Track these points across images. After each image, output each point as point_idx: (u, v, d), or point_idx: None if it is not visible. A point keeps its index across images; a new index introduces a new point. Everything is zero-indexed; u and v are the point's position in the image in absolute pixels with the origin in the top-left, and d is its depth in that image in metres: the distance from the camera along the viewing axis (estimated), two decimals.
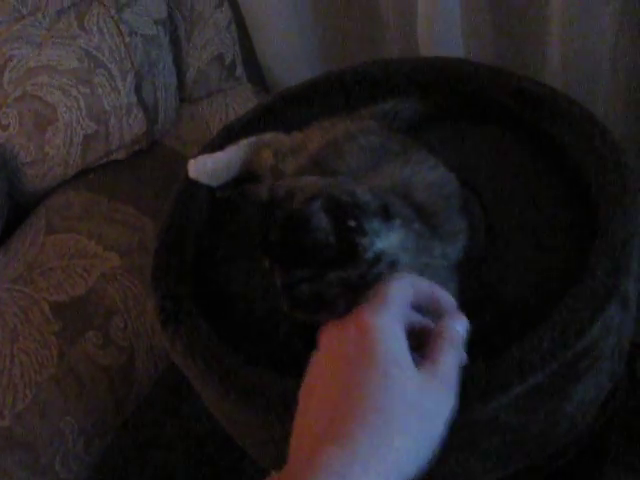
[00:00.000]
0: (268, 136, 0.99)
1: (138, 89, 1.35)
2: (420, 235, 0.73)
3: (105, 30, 1.33)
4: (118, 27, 1.34)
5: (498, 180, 0.95)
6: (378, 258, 0.67)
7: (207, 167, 0.98)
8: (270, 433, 0.76)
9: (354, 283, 0.66)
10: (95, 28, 1.33)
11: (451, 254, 0.79)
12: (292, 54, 1.60)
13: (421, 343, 0.63)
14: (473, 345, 0.72)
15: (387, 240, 0.68)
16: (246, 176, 1.00)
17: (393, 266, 0.68)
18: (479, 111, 1.02)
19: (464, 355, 0.65)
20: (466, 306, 0.76)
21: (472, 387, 0.70)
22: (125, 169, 1.39)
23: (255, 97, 1.52)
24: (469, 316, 0.76)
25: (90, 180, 1.37)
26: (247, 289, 0.90)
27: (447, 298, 0.67)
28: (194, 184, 1.00)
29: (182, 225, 0.96)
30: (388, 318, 0.60)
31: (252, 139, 0.99)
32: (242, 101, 1.50)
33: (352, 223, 0.66)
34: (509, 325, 0.78)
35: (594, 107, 1.09)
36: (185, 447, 1.29)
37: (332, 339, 0.62)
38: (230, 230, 0.99)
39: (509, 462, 0.81)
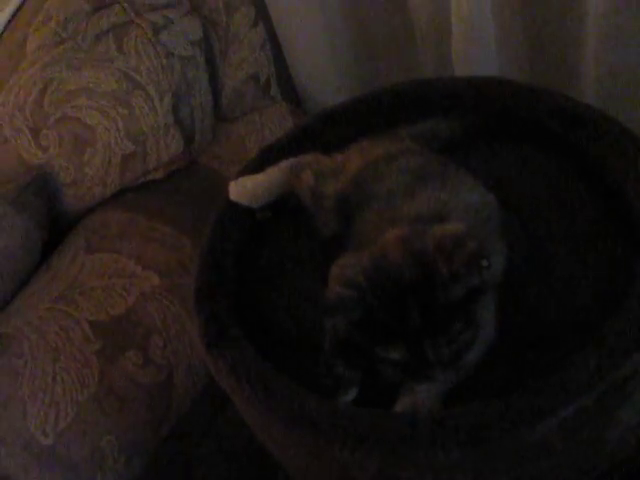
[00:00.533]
0: (308, 158, 0.99)
1: (175, 109, 1.37)
2: None
3: (143, 52, 1.35)
4: (155, 49, 1.36)
5: (537, 200, 0.95)
6: None
7: (247, 189, 0.99)
8: (316, 457, 0.76)
9: None
10: (133, 50, 1.35)
11: (489, 279, 0.79)
12: (326, 73, 1.61)
13: None
14: (517, 368, 0.72)
15: None
16: (286, 197, 1.00)
17: None
18: (517, 130, 1.02)
19: None
20: (507, 329, 0.77)
21: (519, 410, 0.69)
22: (162, 188, 1.40)
23: (290, 116, 1.53)
24: (510, 339, 0.77)
25: (128, 200, 1.39)
26: (289, 310, 0.91)
27: None
28: (234, 205, 1.01)
29: (223, 246, 0.97)
30: None
31: (292, 160, 0.99)
32: (277, 119, 1.52)
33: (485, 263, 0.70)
34: (552, 347, 0.78)
35: (630, 124, 1.08)
36: (224, 464, 1.29)
37: None
38: (271, 252, 0.99)
39: None
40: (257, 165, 1.02)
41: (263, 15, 1.55)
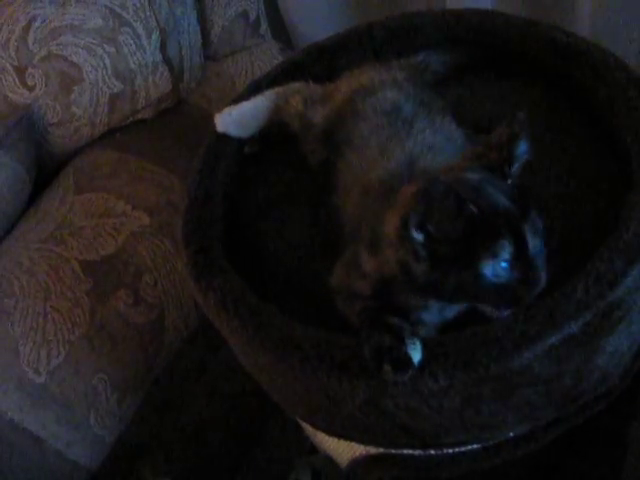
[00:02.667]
0: (298, 84, 0.98)
1: (163, 47, 1.35)
2: None
3: None
4: None
5: (529, 131, 0.94)
6: None
7: (233, 117, 0.98)
8: (304, 385, 0.77)
9: None
10: None
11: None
12: (316, 10, 1.58)
13: None
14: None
15: None
16: (273, 129, 0.99)
17: None
18: (509, 63, 1.01)
19: None
20: None
21: (507, 337, 0.70)
22: (152, 128, 1.39)
23: (280, 54, 1.51)
24: None
25: (117, 139, 1.38)
26: (278, 243, 0.90)
27: None
28: (222, 140, 0.99)
29: (211, 181, 0.96)
30: None
31: (280, 88, 0.98)
32: (267, 58, 1.50)
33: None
34: None
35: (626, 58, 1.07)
36: (215, 405, 1.30)
37: None
38: (258, 185, 0.99)
39: (540, 414, 0.81)
40: (245, 98, 1.01)
41: None
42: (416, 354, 0.69)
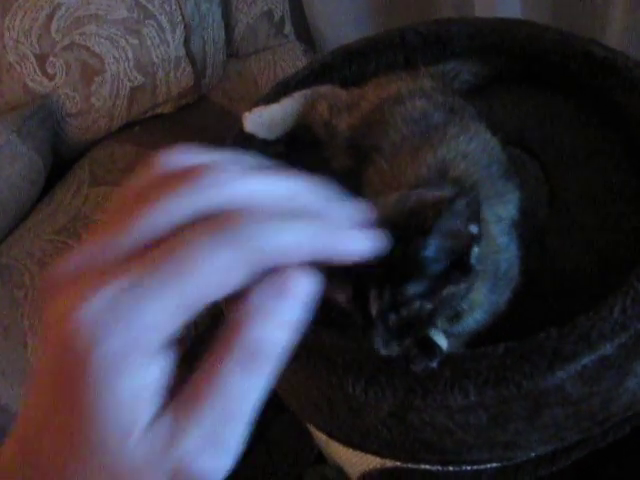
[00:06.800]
0: (324, 89, 0.96)
1: (187, 42, 1.33)
2: None
3: None
4: None
5: (561, 145, 0.93)
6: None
7: (263, 119, 0.96)
8: (327, 395, 0.75)
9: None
10: None
11: (503, 213, 0.76)
12: (341, 13, 1.56)
13: None
14: (540, 315, 0.70)
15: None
16: (300, 131, 0.97)
17: None
18: (542, 75, 0.99)
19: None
20: (530, 275, 0.75)
21: (540, 355, 0.68)
22: (171, 123, 1.37)
23: (304, 55, 1.49)
24: (532, 284, 0.74)
25: (135, 133, 1.36)
26: None
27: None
28: (247, 140, 0.97)
29: None
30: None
31: (308, 91, 0.96)
32: (290, 59, 1.48)
33: (474, 230, 0.58)
34: (575, 295, 0.76)
35: None
36: None
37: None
38: None
39: (565, 434, 0.79)
40: (272, 98, 0.99)
41: None
42: (442, 341, 0.67)
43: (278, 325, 0.36)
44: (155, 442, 0.33)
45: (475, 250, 0.59)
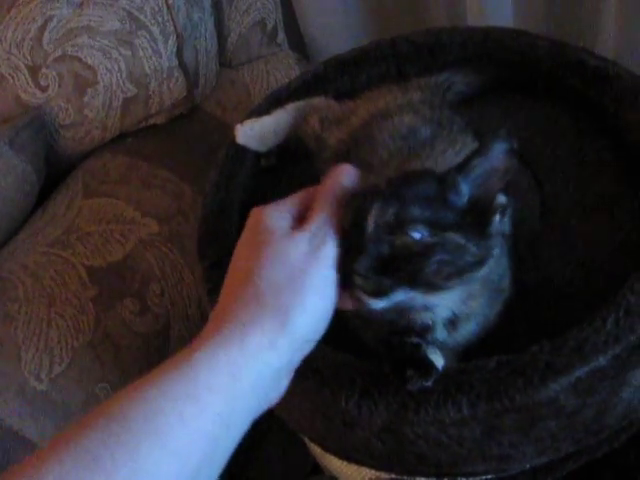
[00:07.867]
0: (317, 100, 0.96)
1: (179, 52, 1.33)
2: None
3: None
4: None
5: (553, 155, 0.93)
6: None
7: (254, 131, 0.96)
8: (320, 408, 0.74)
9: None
10: None
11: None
12: (334, 22, 1.56)
13: None
14: (529, 326, 0.70)
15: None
16: (291, 143, 0.97)
17: None
18: (535, 84, 0.99)
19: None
20: (521, 286, 0.75)
21: (533, 369, 0.68)
22: (164, 134, 1.37)
23: (296, 65, 1.49)
24: (524, 296, 0.74)
25: (128, 144, 1.35)
26: None
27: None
28: (240, 151, 0.97)
29: (228, 193, 0.94)
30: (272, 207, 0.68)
31: (301, 103, 0.96)
32: (283, 68, 1.48)
33: (502, 200, 0.62)
34: (569, 306, 0.76)
35: None
36: None
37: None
38: (274, 199, 0.96)
39: (560, 446, 0.79)
40: (264, 110, 0.99)
41: None
42: (438, 359, 0.67)
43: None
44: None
45: (496, 219, 0.62)
